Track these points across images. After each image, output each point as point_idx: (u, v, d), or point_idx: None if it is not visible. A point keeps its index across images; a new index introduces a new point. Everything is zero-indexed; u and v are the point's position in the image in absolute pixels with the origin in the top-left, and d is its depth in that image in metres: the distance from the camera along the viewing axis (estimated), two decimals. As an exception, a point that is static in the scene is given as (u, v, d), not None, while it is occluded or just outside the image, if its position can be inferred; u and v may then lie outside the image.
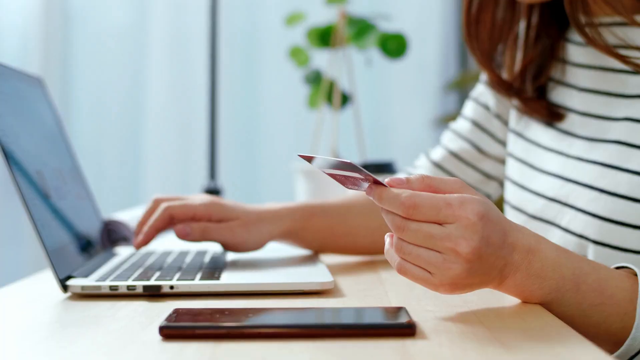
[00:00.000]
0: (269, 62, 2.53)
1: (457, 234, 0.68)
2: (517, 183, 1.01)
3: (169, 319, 0.66)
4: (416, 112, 2.63)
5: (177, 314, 0.67)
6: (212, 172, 1.68)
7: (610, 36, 0.91)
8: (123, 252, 1.10)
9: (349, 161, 0.69)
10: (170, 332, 0.63)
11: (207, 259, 1.01)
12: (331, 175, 0.74)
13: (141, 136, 2.52)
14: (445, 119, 2.64)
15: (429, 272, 0.70)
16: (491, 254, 0.69)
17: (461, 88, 2.71)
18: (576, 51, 0.98)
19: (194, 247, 1.15)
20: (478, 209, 0.69)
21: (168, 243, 1.18)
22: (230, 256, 1.04)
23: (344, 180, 0.74)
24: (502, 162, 1.10)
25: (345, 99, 1.67)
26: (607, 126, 0.91)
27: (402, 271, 0.71)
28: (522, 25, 1.02)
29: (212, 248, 1.11)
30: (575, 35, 0.98)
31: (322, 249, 1.06)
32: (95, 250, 1.04)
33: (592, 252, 0.87)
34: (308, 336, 0.63)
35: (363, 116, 1.97)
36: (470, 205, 0.69)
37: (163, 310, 0.76)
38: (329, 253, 1.08)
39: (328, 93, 1.66)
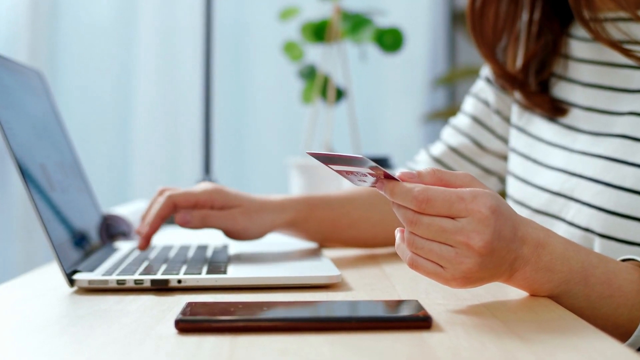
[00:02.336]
0: (263, 57, 2.52)
1: (470, 228, 0.68)
2: (520, 178, 1.02)
3: (183, 312, 0.65)
4: (405, 107, 2.63)
5: (191, 307, 0.67)
6: (207, 166, 1.67)
7: (615, 31, 0.91)
8: (123, 247, 1.09)
9: (360, 156, 0.69)
10: (187, 325, 0.63)
11: (209, 253, 1.01)
12: (339, 172, 0.74)
13: (130, 130, 2.50)
14: (434, 115, 2.65)
15: (441, 266, 0.70)
16: (502, 248, 0.70)
17: (450, 84, 2.72)
18: (579, 46, 0.98)
19: (194, 241, 1.14)
20: (490, 203, 0.69)
21: (168, 237, 1.18)
22: (233, 250, 1.03)
23: (351, 177, 0.74)
24: (502, 157, 1.10)
25: (339, 94, 1.67)
26: (611, 121, 0.92)
27: (413, 265, 0.72)
28: (524, 20, 1.02)
29: (213, 242, 1.11)
30: (577, 31, 0.99)
31: (323, 241, 1.06)
32: (96, 245, 1.03)
33: (598, 246, 0.87)
34: (325, 329, 0.63)
35: (343, 113, 1.97)
36: (483, 199, 0.69)
37: (173, 304, 0.75)
38: (331, 245, 1.08)
39: (322, 88, 1.66)
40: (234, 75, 2.53)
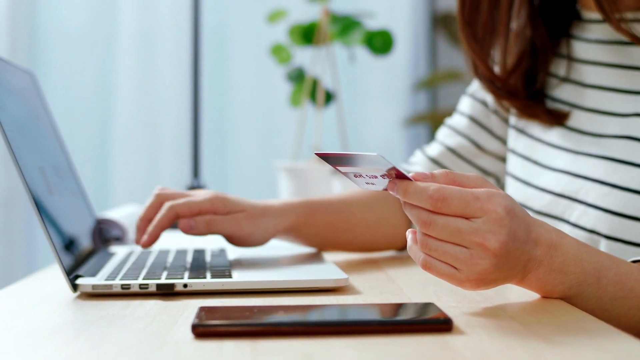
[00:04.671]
0: (249, 60, 2.50)
1: (486, 229, 0.67)
2: (521, 179, 1.01)
3: (199, 317, 0.64)
4: (386, 111, 2.63)
5: (205, 312, 0.66)
6: (195, 170, 1.65)
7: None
8: (119, 251, 1.07)
9: (375, 154, 0.68)
10: (204, 330, 0.62)
11: (208, 257, 0.99)
12: (346, 174, 0.73)
13: (111, 133, 2.47)
14: (416, 118, 2.65)
15: (455, 267, 0.70)
16: (517, 249, 0.69)
17: (431, 87, 2.72)
18: (582, 48, 0.98)
19: (191, 245, 1.13)
20: (505, 203, 0.69)
21: (163, 242, 1.15)
22: (232, 255, 1.02)
23: (359, 179, 0.73)
24: (500, 158, 1.10)
25: (329, 97, 1.66)
26: (616, 122, 0.91)
27: (427, 267, 0.71)
28: (506, 29, 1.02)
29: (210, 246, 1.10)
30: (580, 32, 0.99)
31: (322, 246, 1.05)
32: (92, 250, 1.01)
33: (604, 247, 0.87)
34: (346, 333, 0.62)
35: (334, 115, 1.96)
36: (498, 199, 0.68)
37: (181, 308, 0.74)
38: (329, 250, 1.06)
39: (311, 91, 1.65)
40: (219, 78, 2.50)
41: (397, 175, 0.70)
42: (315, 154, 0.73)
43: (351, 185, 1.37)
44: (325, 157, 0.72)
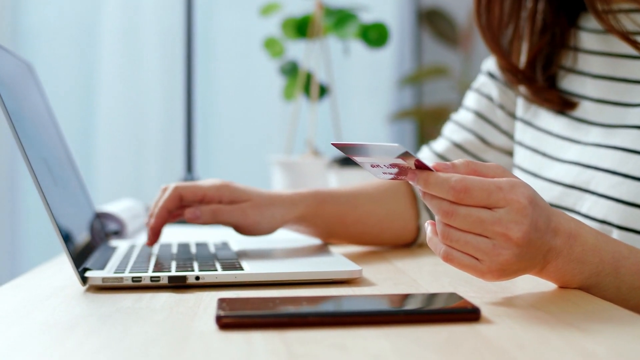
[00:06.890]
0: (242, 53, 2.48)
1: (509, 219, 0.67)
2: (529, 172, 1.01)
3: (222, 308, 0.63)
4: (371, 106, 2.62)
5: (227, 303, 0.64)
6: (189, 164, 1.63)
7: (627, 22, 0.91)
8: (120, 245, 1.06)
9: (396, 144, 0.67)
10: (231, 321, 0.60)
11: (213, 249, 0.98)
12: (362, 164, 0.72)
13: (95, 128, 2.44)
14: (401, 114, 2.65)
15: (477, 258, 0.69)
16: (538, 239, 0.69)
17: (416, 83, 2.72)
18: (589, 38, 0.98)
19: (193, 238, 1.11)
20: (528, 193, 0.68)
21: (165, 235, 1.14)
22: (235, 247, 1.00)
23: (376, 169, 0.72)
24: (506, 152, 1.09)
25: (322, 91, 1.64)
26: (625, 112, 0.91)
27: (448, 259, 0.70)
28: (528, 13, 1.02)
29: (212, 240, 1.08)
30: (587, 23, 0.99)
31: (330, 237, 1.04)
32: (94, 243, 0.99)
33: (616, 237, 0.87)
34: (372, 323, 0.61)
35: (320, 110, 1.95)
36: (521, 188, 0.68)
37: (197, 301, 0.72)
38: (336, 242, 1.05)
39: (305, 84, 1.63)
40: (211, 71, 2.48)
41: (418, 166, 0.69)
42: (332, 144, 0.73)
43: (349, 180, 1.36)
44: (343, 147, 0.71)
